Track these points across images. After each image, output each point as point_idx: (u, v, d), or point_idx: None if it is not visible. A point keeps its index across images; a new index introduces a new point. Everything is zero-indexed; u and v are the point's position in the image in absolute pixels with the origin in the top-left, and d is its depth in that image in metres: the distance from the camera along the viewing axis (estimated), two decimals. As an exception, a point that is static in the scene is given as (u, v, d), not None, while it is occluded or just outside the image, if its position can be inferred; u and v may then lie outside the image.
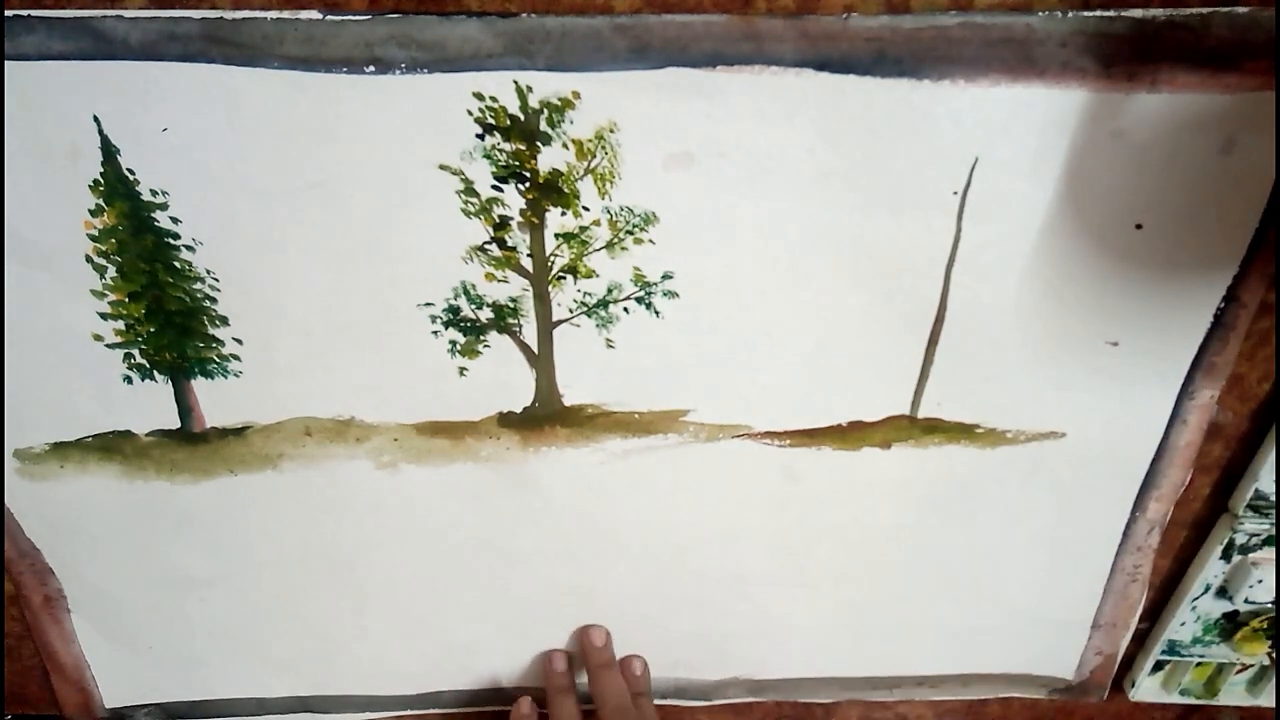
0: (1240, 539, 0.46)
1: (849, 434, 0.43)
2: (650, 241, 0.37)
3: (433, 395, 0.41)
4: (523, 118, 0.34)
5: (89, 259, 0.37)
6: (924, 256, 0.38)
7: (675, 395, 0.42)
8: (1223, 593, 0.48)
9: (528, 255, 0.38)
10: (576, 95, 0.34)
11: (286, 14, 0.32)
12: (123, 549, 0.46)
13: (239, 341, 0.40)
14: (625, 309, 0.39)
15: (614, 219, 0.37)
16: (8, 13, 0.32)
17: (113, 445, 0.42)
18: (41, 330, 0.39)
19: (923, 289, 0.39)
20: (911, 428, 0.43)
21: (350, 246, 0.37)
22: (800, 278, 0.38)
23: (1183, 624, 0.49)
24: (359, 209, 0.36)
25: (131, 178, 0.35)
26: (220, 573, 0.47)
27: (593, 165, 0.35)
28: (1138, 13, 0.32)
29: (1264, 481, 0.44)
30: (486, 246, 0.37)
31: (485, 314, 0.39)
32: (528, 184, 0.36)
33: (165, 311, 0.39)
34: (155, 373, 0.40)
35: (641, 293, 0.39)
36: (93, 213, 0.36)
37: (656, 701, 0.51)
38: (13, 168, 0.35)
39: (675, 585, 0.49)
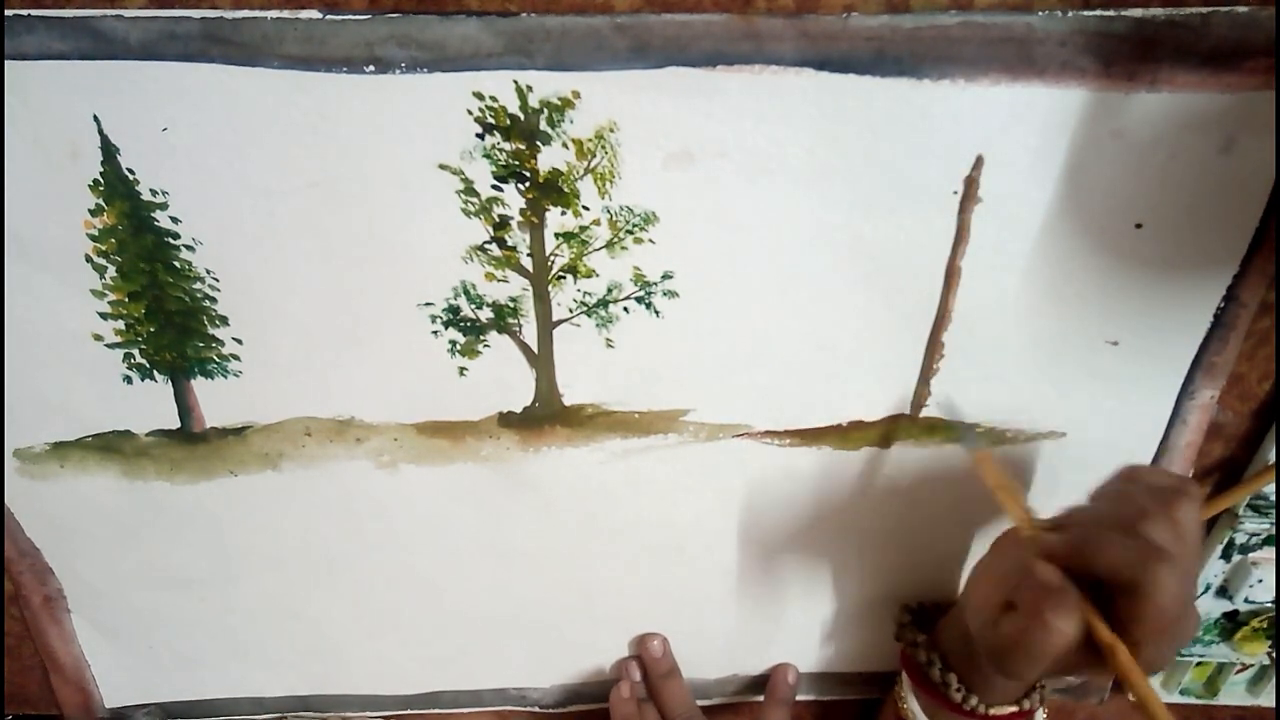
0: (1240, 539, 0.46)
1: (849, 434, 0.43)
2: (650, 241, 0.37)
3: (433, 395, 0.41)
4: (523, 117, 0.34)
5: (89, 259, 0.37)
6: (924, 256, 0.38)
7: (675, 395, 0.42)
8: (1223, 592, 0.48)
9: (528, 255, 0.38)
10: (576, 95, 0.34)
11: (286, 14, 0.32)
12: (123, 549, 0.46)
13: (239, 341, 0.40)
14: (625, 309, 0.39)
15: (614, 219, 0.37)
16: (8, 13, 0.32)
17: (113, 445, 0.42)
18: (41, 330, 0.39)
19: (923, 289, 0.39)
20: (911, 427, 0.43)
21: (350, 246, 0.37)
22: (800, 278, 0.38)
23: (1183, 624, 0.49)
24: (359, 209, 0.36)
25: (131, 178, 0.35)
26: (221, 573, 0.47)
27: (593, 165, 0.35)
28: (1138, 12, 0.32)
29: (1264, 481, 0.44)
30: (486, 246, 0.37)
31: (485, 314, 0.39)
32: (528, 184, 0.36)
33: (165, 311, 0.39)
34: (155, 373, 0.40)
35: (641, 293, 0.39)
36: (93, 213, 0.36)
37: (656, 701, 0.51)
38: (13, 168, 0.35)
39: (675, 585, 0.49)
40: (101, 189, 0.36)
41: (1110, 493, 0.36)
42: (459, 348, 0.40)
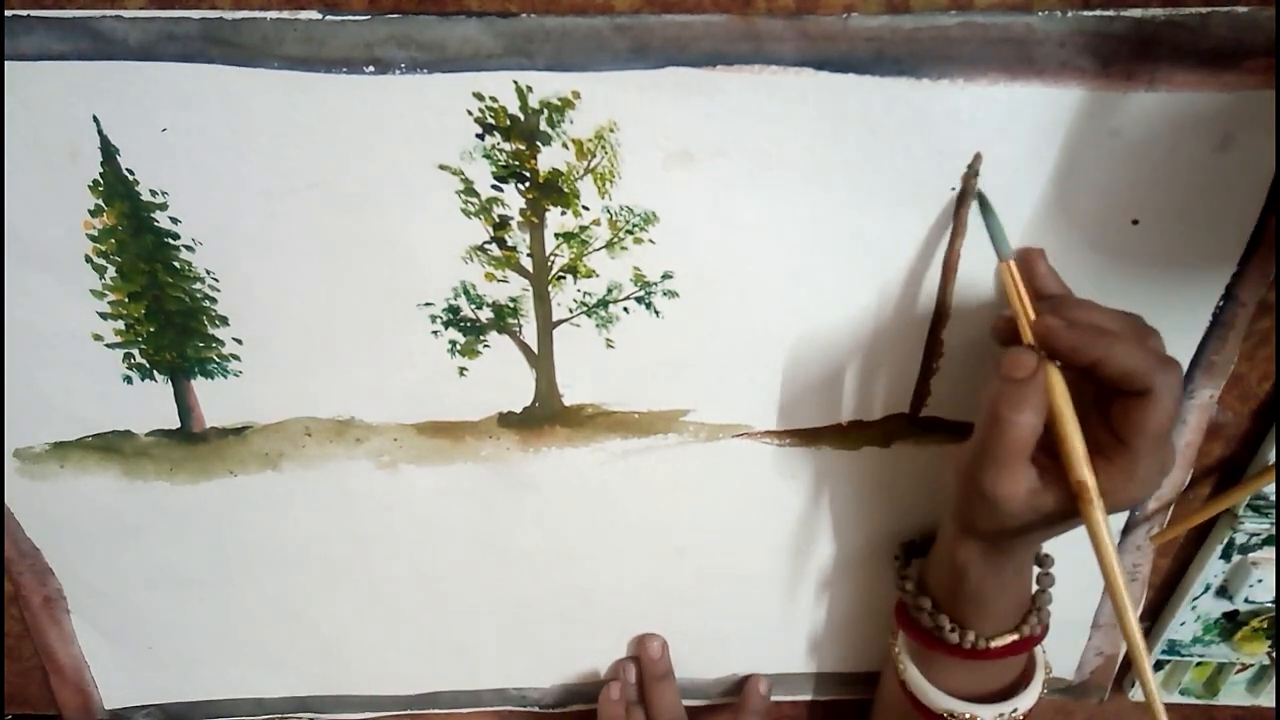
0: (1240, 539, 0.46)
1: (849, 434, 0.43)
2: (650, 241, 0.37)
3: (433, 395, 0.41)
4: (523, 118, 0.34)
5: (89, 259, 0.37)
6: (923, 255, 0.38)
7: (675, 395, 0.42)
8: (1223, 592, 0.48)
9: (528, 255, 0.38)
10: (576, 95, 0.34)
11: (286, 14, 0.32)
12: (123, 549, 0.46)
13: (239, 341, 0.40)
14: (625, 309, 0.39)
15: (614, 219, 0.37)
16: (8, 13, 0.32)
17: (113, 445, 0.42)
18: (41, 330, 0.39)
19: (922, 288, 0.39)
20: (911, 427, 0.43)
21: (350, 246, 0.37)
22: (800, 277, 0.38)
23: (1183, 624, 0.49)
24: (359, 209, 0.36)
25: (131, 178, 0.35)
26: (220, 573, 0.47)
27: (593, 165, 0.35)
28: (1137, 12, 0.32)
29: (1264, 481, 0.44)
30: (486, 246, 0.37)
31: (485, 314, 0.39)
32: (528, 184, 0.36)
33: (165, 311, 0.39)
34: (155, 373, 0.41)
35: (641, 293, 0.39)
36: (93, 213, 0.36)
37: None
38: (13, 168, 0.35)
39: (675, 585, 0.49)
40: (101, 189, 0.36)
41: (1104, 310, 0.34)
42: (459, 348, 0.40)
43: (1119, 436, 0.32)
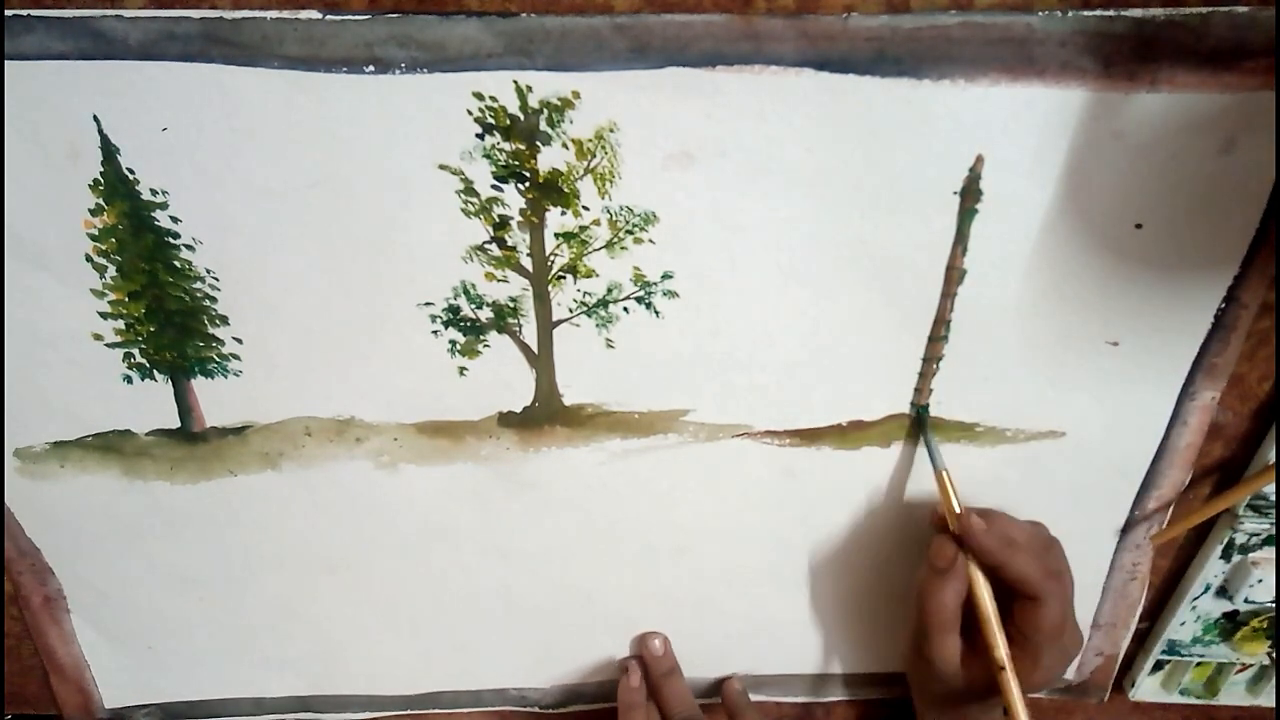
0: (1240, 539, 0.46)
1: (849, 434, 0.43)
2: (650, 241, 0.37)
3: (433, 395, 0.41)
4: (523, 118, 0.34)
5: (89, 259, 0.37)
6: (924, 256, 0.38)
7: (675, 395, 0.42)
8: (1223, 592, 0.48)
9: (528, 255, 0.38)
10: (576, 95, 0.34)
11: (286, 14, 0.32)
12: (123, 549, 0.46)
13: (239, 341, 0.40)
14: (625, 309, 0.39)
15: (614, 219, 0.37)
16: (8, 13, 0.32)
17: (113, 445, 0.42)
18: (41, 330, 0.39)
19: (923, 289, 0.39)
20: (912, 427, 0.43)
21: (350, 246, 0.37)
22: (800, 278, 0.38)
23: (1183, 624, 0.49)
24: (359, 209, 0.36)
25: (131, 177, 0.35)
26: (220, 573, 0.47)
27: (593, 165, 0.35)
28: (1138, 12, 0.32)
29: (1264, 481, 0.44)
30: (486, 246, 0.37)
31: (485, 314, 0.39)
32: (528, 184, 0.36)
33: (165, 311, 0.39)
34: (155, 372, 0.41)
35: (641, 293, 0.39)
36: (93, 212, 0.36)
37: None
38: (13, 168, 0.35)
39: (675, 585, 0.49)
40: (101, 189, 0.36)
41: (1018, 523, 0.41)
42: (459, 348, 0.40)
43: (1022, 632, 0.39)
